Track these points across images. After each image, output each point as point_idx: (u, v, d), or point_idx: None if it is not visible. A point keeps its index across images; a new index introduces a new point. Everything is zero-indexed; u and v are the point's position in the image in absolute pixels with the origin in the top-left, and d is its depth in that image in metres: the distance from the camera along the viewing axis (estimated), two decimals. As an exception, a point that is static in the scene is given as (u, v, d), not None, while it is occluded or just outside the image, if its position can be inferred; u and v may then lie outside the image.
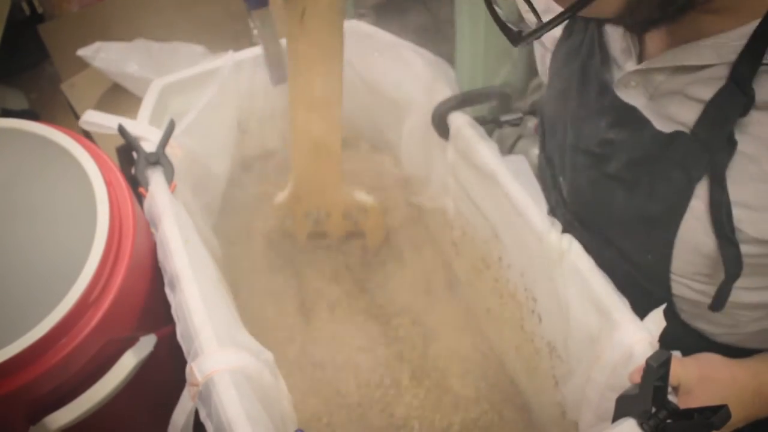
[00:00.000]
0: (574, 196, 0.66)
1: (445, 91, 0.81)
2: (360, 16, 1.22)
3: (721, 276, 0.52)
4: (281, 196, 0.91)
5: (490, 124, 0.80)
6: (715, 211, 0.50)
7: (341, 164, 0.87)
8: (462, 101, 0.79)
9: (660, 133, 0.53)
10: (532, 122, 1.33)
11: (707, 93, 0.49)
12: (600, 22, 0.57)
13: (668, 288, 0.57)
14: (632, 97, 0.55)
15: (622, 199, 0.58)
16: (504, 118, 0.79)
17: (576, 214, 0.66)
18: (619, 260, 0.61)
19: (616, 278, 0.61)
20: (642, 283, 0.59)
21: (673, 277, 0.56)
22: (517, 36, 0.47)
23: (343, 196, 0.91)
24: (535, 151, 1.35)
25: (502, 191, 0.72)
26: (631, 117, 0.55)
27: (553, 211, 0.70)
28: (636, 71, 0.54)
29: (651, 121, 0.54)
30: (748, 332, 0.57)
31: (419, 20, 1.25)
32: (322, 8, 0.72)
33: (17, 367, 0.55)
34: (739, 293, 0.53)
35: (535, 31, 0.45)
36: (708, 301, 0.55)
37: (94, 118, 0.74)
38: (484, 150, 0.75)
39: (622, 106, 0.56)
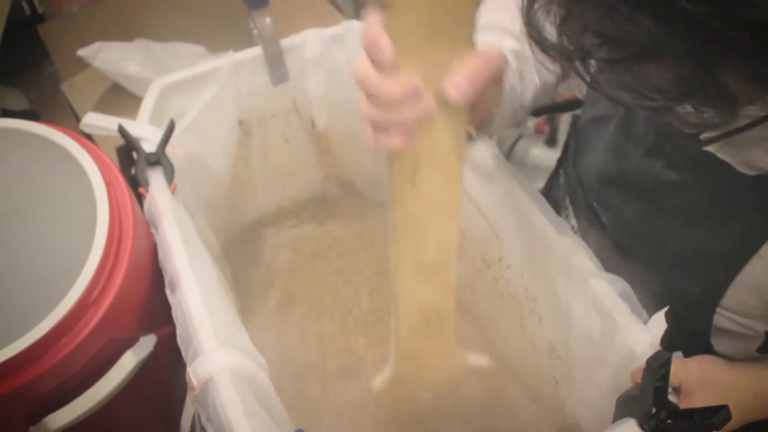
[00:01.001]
0: (617, 224, 0.63)
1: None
2: (360, 16, 1.21)
3: None
4: (380, 381, 0.71)
5: (490, 124, 0.80)
6: None
7: (454, 332, 0.67)
8: (462, 101, 0.79)
9: (743, 175, 0.51)
10: (532, 122, 1.34)
11: None
12: None
13: (710, 321, 0.56)
14: (709, 147, 0.52)
15: (679, 233, 0.56)
16: (504, 118, 0.79)
17: (617, 241, 0.64)
18: (659, 288, 0.59)
19: (653, 305, 0.59)
20: (681, 316, 0.58)
21: (719, 311, 0.55)
22: (695, 142, 0.44)
23: (456, 365, 0.71)
24: (535, 151, 1.35)
25: (502, 191, 0.72)
26: (704, 161, 0.52)
27: (583, 233, 0.68)
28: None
29: (731, 163, 0.51)
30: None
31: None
32: (438, 159, 0.53)
33: (17, 367, 0.55)
34: None
35: (718, 136, 0.41)
36: (751, 334, 0.54)
37: (94, 121, 0.74)
38: (484, 150, 0.75)
39: (695, 152, 0.53)
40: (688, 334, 0.57)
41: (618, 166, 0.61)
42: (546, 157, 1.35)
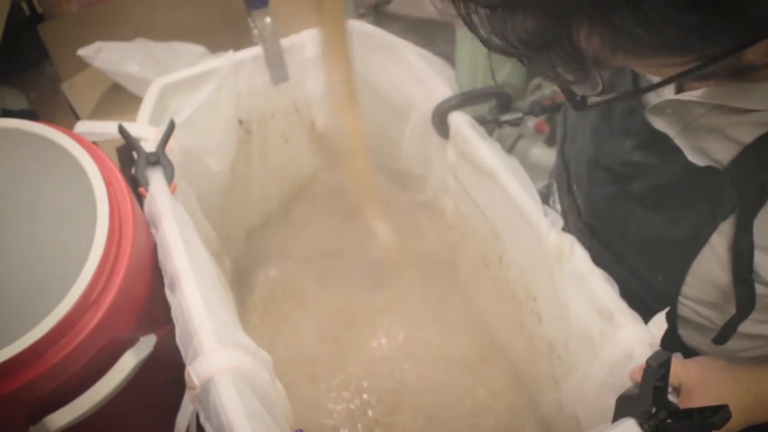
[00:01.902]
0: (589, 207, 0.65)
1: (445, 91, 0.81)
2: (360, 16, 1.21)
3: (729, 307, 0.52)
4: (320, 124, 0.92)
5: (490, 124, 0.80)
6: (736, 253, 0.50)
7: (369, 177, 0.87)
8: (462, 101, 0.79)
9: (692, 165, 0.52)
10: (532, 122, 1.33)
11: (748, 136, 0.48)
12: None
13: (674, 309, 0.57)
14: (664, 124, 0.54)
15: (640, 219, 0.57)
16: (504, 118, 0.79)
17: (589, 224, 0.66)
18: (627, 276, 0.61)
19: (623, 293, 0.60)
20: (648, 301, 0.59)
21: (681, 299, 0.56)
22: (580, 104, 0.45)
23: (366, 215, 0.90)
24: (536, 151, 1.35)
25: (502, 191, 0.72)
26: (661, 144, 0.54)
27: (564, 216, 0.70)
28: (675, 100, 0.52)
29: (683, 151, 0.52)
30: (742, 357, 0.58)
31: (419, 20, 1.25)
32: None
33: (17, 367, 0.55)
34: (743, 324, 0.53)
35: (604, 100, 0.44)
36: (712, 326, 0.55)
37: (86, 128, 0.74)
38: (484, 150, 0.75)
39: (653, 132, 0.54)
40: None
41: (595, 147, 0.62)
42: (546, 157, 1.35)
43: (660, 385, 0.49)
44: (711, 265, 0.52)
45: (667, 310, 0.56)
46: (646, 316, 0.58)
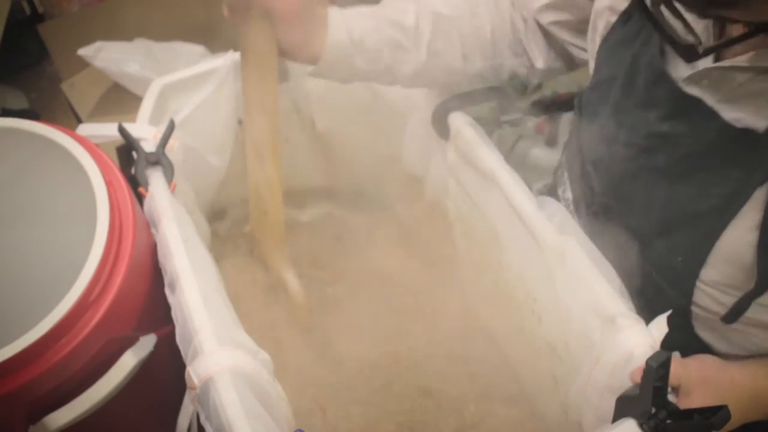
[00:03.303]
0: (607, 187, 0.64)
1: (445, 91, 0.81)
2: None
3: (748, 288, 0.51)
4: (247, 228, 0.88)
5: (490, 124, 0.80)
6: (767, 222, 0.49)
7: (279, 228, 0.82)
8: (462, 101, 0.79)
9: (730, 126, 0.50)
10: (532, 122, 1.34)
11: None
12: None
13: (690, 295, 0.56)
14: (701, 92, 0.53)
15: (665, 193, 0.56)
16: (504, 118, 0.79)
17: (605, 206, 0.64)
18: (642, 259, 0.59)
19: (635, 278, 0.59)
20: (662, 286, 0.58)
21: (698, 284, 0.55)
22: (691, 53, 0.45)
23: (276, 264, 0.85)
24: (535, 151, 1.35)
25: (502, 192, 0.72)
26: (694, 109, 0.53)
27: (576, 203, 0.69)
28: (715, 68, 0.51)
29: (720, 114, 0.51)
30: (753, 352, 0.57)
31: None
32: (251, 56, 0.72)
33: (17, 367, 0.55)
34: (760, 311, 0.52)
35: (718, 46, 0.44)
36: (724, 312, 0.54)
37: (88, 131, 0.74)
38: (484, 150, 0.75)
39: (684, 97, 0.53)
40: (668, 307, 0.57)
41: (616, 123, 0.61)
42: (546, 157, 1.35)
43: (660, 385, 0.49)
44: (738, 240, 0.51)
45: (669, 312, 0.56)
46: (661, 303, 0.57)
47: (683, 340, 0.58)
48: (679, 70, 0.55)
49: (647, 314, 0.57)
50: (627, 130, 0.59)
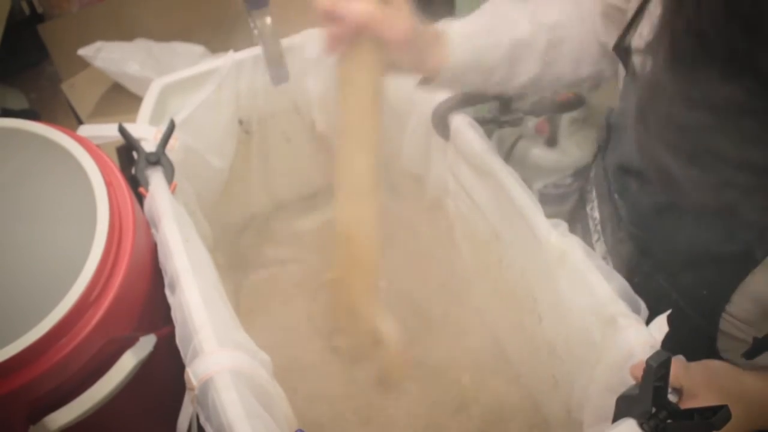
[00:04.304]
0: (633, 217, 0.64)
1: (445, 91, 0.81)
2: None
3: None
4: (330, 274, 0.79)
5: (490, 124, 0.80)
6: None
7: (373, 270, 0.75)
8: (462, 101, 0.79)
9: None
10: (532, 122, 1.33)
11: None
12: None
13: (716, 324, 0.56)
14: None
15: (691, 232, 0.56)
16: (504, 118, 0.79)
17: (631, 234, 0.64)
18: (669, 288, 0.59)
19: (662, 304, 0.59)
20: (687, 312, 0.58)
21: (724, 315, 0.55)
22: None
23: (368, 310, 0.77)
24: (535, 151, 1.35)
25: (503, 192, 0.72)
26: None
27: (603, 224, 0.68)
28: None
29: None
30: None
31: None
32: (352, 89, 0.67)
33: (17, 367, 0.55)
34: None
35: None
36: (747, 340, 0.54)
37: (88, 132, 0.74)
38: (485, 150, 0.75)
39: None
40: (694, 332, 0.57)
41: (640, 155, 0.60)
42: (546, 157, 1.35)
43: (660, 385, 0.49)
44: (760, 285, 0.51)
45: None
46: (686, 326, 0.57)
47: (703, 355, 0.57)
48: None
49: (672, 336, 0.56)
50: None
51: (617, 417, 0.52)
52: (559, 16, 0.69)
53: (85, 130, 0.74)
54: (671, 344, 0.56)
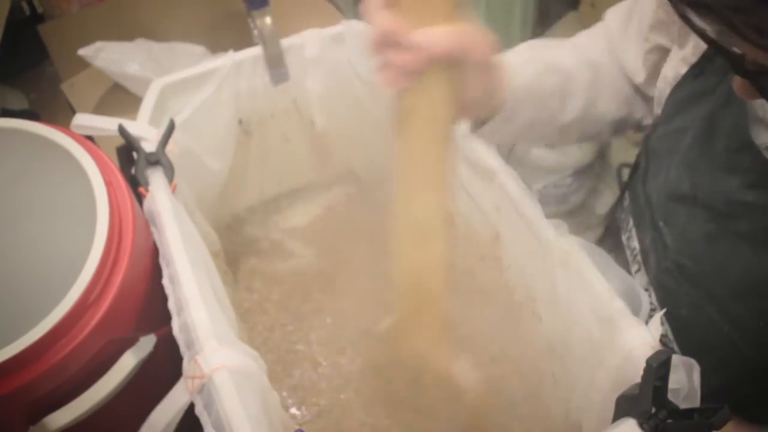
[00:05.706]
0: (681, 246, 0.61)
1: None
2: (360, 15, 1.22)
3: None
4: (384, 323, 0.71)
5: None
6: None
7: (443, 316, 0.65)
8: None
9: None
10: (532, 122, 1.33)
11: None
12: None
13: None
14: None
15: (746, 260, 0.54)
16: (504, 118, 0.79)
17: (678, 263, 0.62)
18: (719, 319, 0.57)
19: (711, 336, 0.57)
20: (739, 346, 0.56)
21: None
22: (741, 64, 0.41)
23: (441, 359, 0.68)
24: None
25: (503, 192, 0.72)
26: None
27: (645, 253, 0.66)
28: None
29: None
30: None
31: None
32: (421, 121, 0.57)
33: (17, 367, 0.55)
34: None
35: None
36: None
37: (85, 122, 0.73)
38: (485, 150, 0.75)
39: None
40: (746, 367, 0.55)
41: (691, 183, 0.58)
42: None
43: (660, 384, 0.48)
44: None
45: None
46: (737, 361, 0.55)
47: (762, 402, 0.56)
48: (763, 137, 0.53)
49: (721, 372, 0.54)
50: (705, 192, 0.57)
51: (617, 416, 0.52)
52: (596, 54, 0.68)
53: (79, 119, 0.73)
54: (719, 380, 0.53)
